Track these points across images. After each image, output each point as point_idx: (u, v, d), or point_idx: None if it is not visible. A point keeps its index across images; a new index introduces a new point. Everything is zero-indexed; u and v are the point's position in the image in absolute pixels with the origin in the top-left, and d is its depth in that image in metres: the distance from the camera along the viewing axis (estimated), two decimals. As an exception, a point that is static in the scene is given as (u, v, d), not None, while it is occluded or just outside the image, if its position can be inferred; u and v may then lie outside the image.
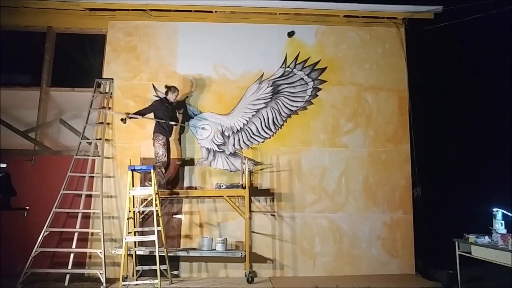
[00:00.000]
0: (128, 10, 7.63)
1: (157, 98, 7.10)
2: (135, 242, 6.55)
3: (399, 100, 7.71)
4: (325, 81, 7.68)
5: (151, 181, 6.30)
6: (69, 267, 6.43)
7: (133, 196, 6.52)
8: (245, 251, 6.59)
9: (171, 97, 6.97)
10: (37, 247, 6.29)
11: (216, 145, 7.39)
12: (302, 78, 7.67)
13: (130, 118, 6.75)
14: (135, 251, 6.52)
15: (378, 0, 7.85)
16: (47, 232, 6.43)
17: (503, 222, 5.77)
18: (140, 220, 7.04)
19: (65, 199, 6.76)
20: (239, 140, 7.43)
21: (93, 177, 7.11)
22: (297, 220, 7.23)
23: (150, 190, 6.33)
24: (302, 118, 7.56)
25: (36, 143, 7.38)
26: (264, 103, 7.55)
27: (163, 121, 6.75)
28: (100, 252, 6.45)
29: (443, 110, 9.24)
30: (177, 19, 7.71)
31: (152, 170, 6.33)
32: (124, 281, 6.11)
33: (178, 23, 7.73)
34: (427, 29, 7.99)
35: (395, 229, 7.31)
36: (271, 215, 7.23)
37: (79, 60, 8.49)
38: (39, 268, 6.30)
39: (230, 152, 7.38)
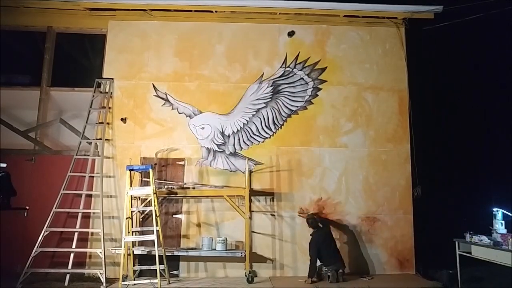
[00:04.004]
0: (128, 10, 7.63)
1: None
2: (133, 241, 6.56)
3: (399, 100, 7.72)
4: (325, 81, 7.68)
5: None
6: (69, 267, 6.44)
7: (131, 196, 6.52)
8: (245, 250, 6.59)
9: None
10: (37, 247, 6.30)
11: (216, 145, 7.39)
12: (302, 78, 7.67)
13: None
14: (133, 251, 6.53)
15: (378, 0, 7.85)
16: (47, 232, 6.43)
17: (503, 222, 5.78)
18: (140, 220, 7.05)
19: (65, 199, 6.77)
20: (239, 140, 7.43)
21: (93, 177, 7.12)
22: (297, 220, 7.23)
23: (148, 190, 6.34)
24: (302, 118, 7.56)
25: (36, 143, 7.39)
26: (264, 103, 7.56)
27: None
28: (100, 252, 6.45)
29: (443, 110, 9.23)
30: (177, 19, 7.71)
31: (150, 170, 6.34)
32: (124, 280, 6.12)
33: (178, 23, 7.73)
34: (427, 29, 7.99)
35: (395, 229, 7.31)
36: (271, 215, 7.23)
37: (79, 60, 8.50)
38: (39, 268, 6.31)
39: (230, 152, 7.38)
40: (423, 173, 7.53)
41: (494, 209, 5.89)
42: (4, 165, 5.68)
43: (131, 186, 6.41)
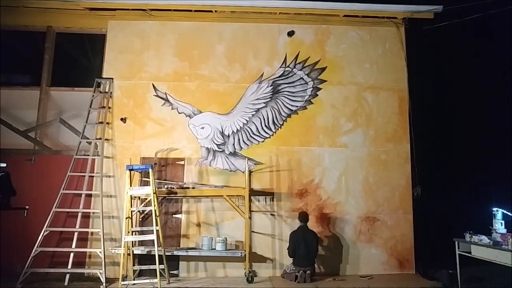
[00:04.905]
0: (128, 9, 7.63)
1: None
2: (133, 241, 6.56)
3: (399, 100, 7.71)
4: (325, 81, 7.68)
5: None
6: (69, 266, 6.43)
7: (131, 196, 6.51)
8: (245, 250, 6.59)
9: None
10: (37, 247, 6.30)
11: (216, 144, 7.39)
12: (302, 78, 7.67)
13: None
14: (133, 251, 6.53)
15: (378, 0, 7.85)
16: (47, 232, 6.43)
17: (503, 222, 5.77)
18: (140, 219, 7.05)
19: (65, 198, 6.77)
20: (239, 139, 7.43)
21: (93, 176, 7.11)
22: (296, 220, 7.21)
23: (148, 190, 6.34)
24: (302, 117, 7.56)
25: (36, 142, 7.39)
26: (264, 102, 7.56)
27: None
28: (100, 252, 6.45)
29: (443, 110, 9.24)
30: (177, 19, 7.71)
31: (150, 170, 6.34)
32: (124, 280, 6.12)
33: (178, 23, 7.73)
34: (427, 29, 7.99)
35: (395, 229, 7.31)
36: (271, 214, 7.23)
37: (79, 60, 8.50)
38: (39, 268, 6.31)
39: (230, 152, 7.38)
40: (423, 173, 7.52)
41: (494, 209, 5.89)
42: (4, 165, 5.67)
43: (131, 186, 6.41)
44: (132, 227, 6.59)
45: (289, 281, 6.47)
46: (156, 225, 6.19)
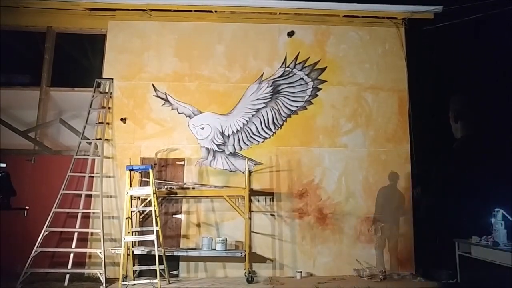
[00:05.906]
0: (128, 10, 7.64)
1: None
2: (133, 241, 6.56)
3: (399, 100, 7.71)
4: (325, 81, 7.68)
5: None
6: (69, 267, 6.44)
7: (131, 196, 6.51)
8: (245, 250, 6.60)
9: None
10: (37, 247, 6.30)
11: (216, 145, 7.40)
12: (302, 78, 7.67)
13: None
14: (133, 251, 6.53)
15: (378, 0, 7.85)
16: (47, 232, 6.43)
17: (503, 222, 5.76)
18: (140, 220, 7.05)
19: (65, 199, 6.77)
20: (239, 140, 7.43)
21: (93, 177, 7.12)
22: (296, 220, 7.23)
23: (148, 190, 6.34)
24: (302, 118, 7.56)
25: (36, 143, 7.39)
26: (264, 103, 7.56)
27: None
28: (100, 252, 6.45)
29: (443, 110, 9.22)
30: (177, 19, 7.72)
31: (150, 170, 6.34)
32: (124, 280, 6.12)
33: (178, 23, 7.73)
34: (427, 29, 7.99)
35: (395, 229, 7.30)
36: (271, 215, 7.23)
37: (79, 60, 8.50)
38: (39, 268, 6.31)
39: (230, 152, 7.39)
40: (423, 173, 7.52)
41: (494, 209, 5.88)
42: (4, 165, 5.69)
43: (131, 186, 6.41)
44: (132, 227, 6.60)
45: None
46: (156, 225, 6.19)
